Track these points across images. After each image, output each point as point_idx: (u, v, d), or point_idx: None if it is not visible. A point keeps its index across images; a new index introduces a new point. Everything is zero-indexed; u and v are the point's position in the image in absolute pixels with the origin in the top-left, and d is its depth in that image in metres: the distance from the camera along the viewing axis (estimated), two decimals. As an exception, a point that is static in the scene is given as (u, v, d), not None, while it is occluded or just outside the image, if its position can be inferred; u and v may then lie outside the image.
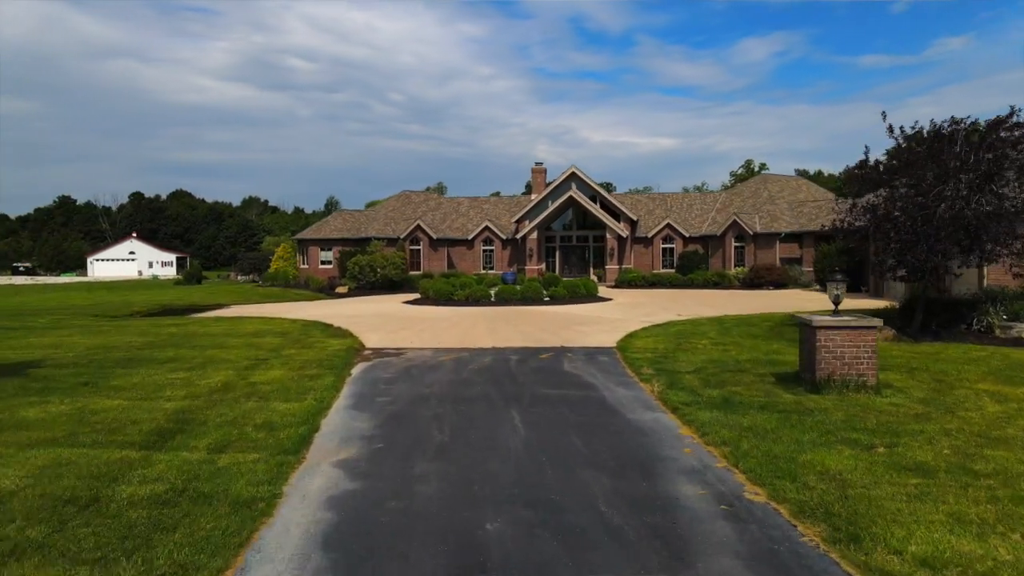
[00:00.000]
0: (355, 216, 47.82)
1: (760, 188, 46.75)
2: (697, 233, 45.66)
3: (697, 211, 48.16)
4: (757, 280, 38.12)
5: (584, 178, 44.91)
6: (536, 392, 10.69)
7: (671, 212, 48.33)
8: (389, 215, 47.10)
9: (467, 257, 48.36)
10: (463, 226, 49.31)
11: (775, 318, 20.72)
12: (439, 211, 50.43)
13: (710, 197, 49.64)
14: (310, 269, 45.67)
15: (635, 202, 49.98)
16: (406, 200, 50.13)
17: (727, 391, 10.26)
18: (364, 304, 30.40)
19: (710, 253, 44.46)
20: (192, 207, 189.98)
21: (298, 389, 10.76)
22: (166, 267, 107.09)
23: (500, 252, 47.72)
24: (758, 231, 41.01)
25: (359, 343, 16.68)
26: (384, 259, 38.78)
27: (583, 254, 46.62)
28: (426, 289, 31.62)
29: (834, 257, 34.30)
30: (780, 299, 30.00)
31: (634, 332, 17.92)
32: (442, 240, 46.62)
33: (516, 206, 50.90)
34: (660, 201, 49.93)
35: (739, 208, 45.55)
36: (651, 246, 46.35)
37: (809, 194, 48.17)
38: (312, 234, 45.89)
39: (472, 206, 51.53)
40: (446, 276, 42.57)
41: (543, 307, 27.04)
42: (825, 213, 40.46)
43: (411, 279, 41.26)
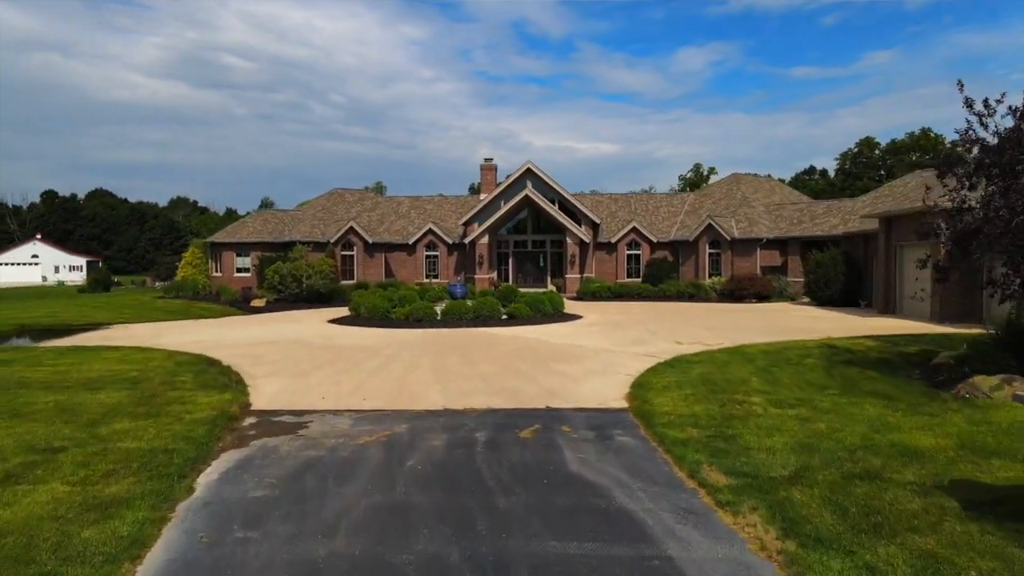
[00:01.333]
0: (278, 217, 41.58)
1: (733, 189, 42.59)
2: (666, 238, 41.15)
3: (664, 214, 43.68)
4: (738, 292, 33.71)
5: (541, 176, 39.90)
6: (538, 553, 5.40)
7: (636, 215, 43.72)
8: (318, 216, 41.08)
9: (408, 264, 42.72)
10: (403, 229, 43.65)
11: (808, 348, 15.97)
12: (376, 212, 44.63)
13: (677, 199, 45.29)
14: (224, 278, 39.29)
15: (596, 203, 45.23)
16: (338, 199, 44.17)
17: (906, 545, 5.19)
18: (278, 324, 24.55)
19: (681, 260, 39.97)
20: (112, 207, 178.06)
21: (49, 552, 5.19)
22: (75, 272, 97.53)
23: (445, 258, 42.25)
24: (736, 236, 36.69)
25: (243, 400, 11.12)
26: (309, 267, 32.88)
27: (540, 261, 41.55)
28: (357, 305, 26.00)
29: (830, 267, 30.07)
30: (778, 316, 25.46)
31: (641, 375, 12.84)
32: (379, 245, 40.86)
33: (463, 207, 45.52)
34: (624, 203, 45.28)
35: (711, 211, 41.23)
36: (615, 252, 41.63)
37: (783, 196, 44.31)
38: (226, 237, 39.49)
39: (414, 206, 45.90)
40: (383, 287, 36.96)
41: (502, 329, 21.76)
42: (810, 218, 36.42)
43: (342, 290, 35.43)
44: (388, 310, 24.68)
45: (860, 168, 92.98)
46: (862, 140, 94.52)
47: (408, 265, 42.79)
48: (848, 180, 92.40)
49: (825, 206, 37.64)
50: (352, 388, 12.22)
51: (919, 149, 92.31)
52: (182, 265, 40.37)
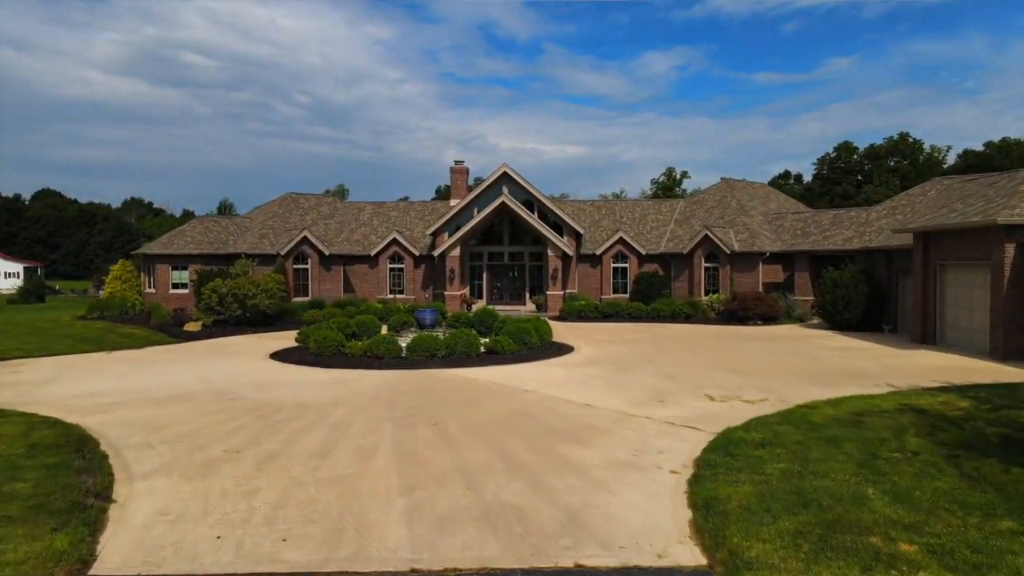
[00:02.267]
0: (222, 225, 36.83)
1: (727, 196, 39.06)
2: (655, 250, 37.42)
3: (652, 223, 39.98)
4: (742, 312, 30.09)
5: (519, 180, 35.88)
6: None
7: (622, 224, 39.94)
8: (268, 224, 36.46)
9: (370, 278, 38.33)
10: (365, 238, 39.25)
11: (889, 414, 12.19)
12: (334, 220, 40.13)
13: (666, 206, 41.60)
14: (158, 295, 34.47)
15: (578, 211, 41.34)
16: (292, 205, 39.57)
17: None
18: (207, 362, 20.09)
19: (673, 275, 36.27)
20: (59, 208, 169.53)
21: None
22: (11, 279, 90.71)
23: (412, 271, 37.95)
24: (736, 250, 33.09)
25: (81, 555, 6.85)
26: (254, 285, 28.37)
27: (517, 275, 37.49)
28: (305, 336, 21.69)
29: (849, 287, 26.56)
30: (800, 347, 21.77)
31: (695, 477, 8.87)
32: (337, 257, 36.41)
33: (431, 214, 41.27)
34: (608, 210, 41.45)
35: (705, 220, 37.65)
36: (599, 265, 37.77)
37: (780, 204, 40.96)
38: (161, 248, 34.64)
39: (376, 213, 41.50)
40: (341, 305, 32.62)
41: (482, 372, 17.66)
42: (817, 229, 32.99)
43: (293, 310, 30.98)
44: (341, 344, 20.40)
45: (838, 173, 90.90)
46: (840, 144, 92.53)
47: (370, 279, 38.40)
48: (827, 185, 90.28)
49: (831, 216, 34.25)
50: (270, 509, 8.02)
51: (897, 154, 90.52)
52: (110, 280, 35.37)
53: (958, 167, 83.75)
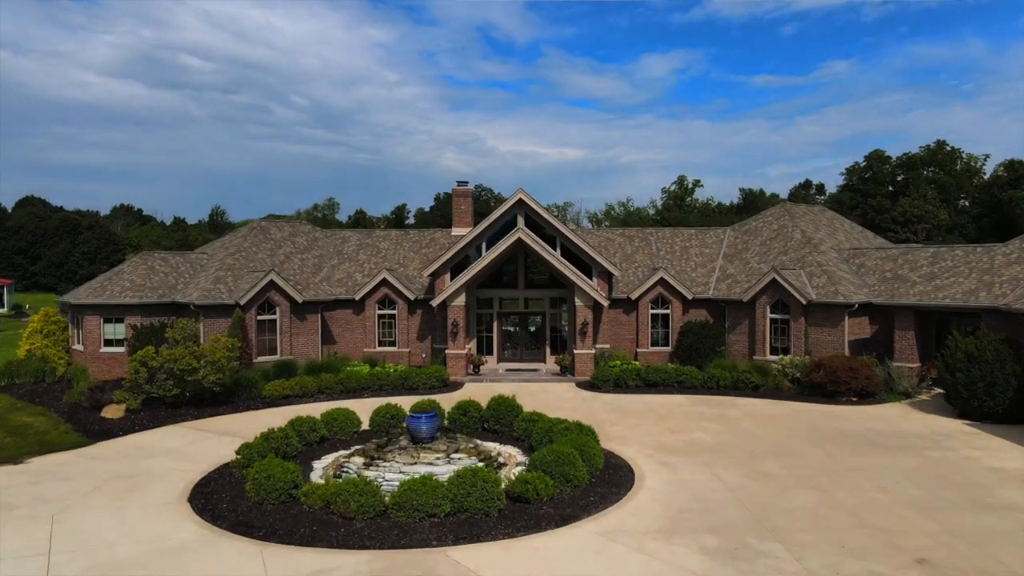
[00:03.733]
0: (171, 264, 29.73)
1: (786, 225, 32.23)
2: (703, 293, 30.59)
3: (697, 257, 33.11)
4: (831, 384, 23.26)
5: (537, 209, 29.01)
6: None
7: (658, 257, 33.11)
8: (227, 263, 29.50)
9: (355, 326, 31.46)
10: (349, 277, 32.39)
11: None
12: (312, 253, 33.22)
13: (712, 236, 34.70)
14: (87, 354, 27.56)
15: (605, 241, 34.48)
16: (261, 236, 32.64)
17: None
18: (74, 516, 13.13)
19: (728, 326, 29.40)
20: (41, 217, 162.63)
21: None
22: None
23: (405, 319, 31.09)
24: (813, 299, 26.24)
25: None
26: (194, 357, 21.46)
27: (536, 327, 30.54)
28: (247, 459, 14.89)
29: (993, 363, 19.72)
30: (957, 468, 14.89)
31: None
32: (314, 303, 29.51)
33: (430, 245, 34.41)
34: (642, 241, 34.53)
35: (762, 255, 30.86)
36: (635, 312, 30.94)
37: (848, 234, 34.12)
38: (91, 296, 27.63)
39: (364, 245, 34.59)
40: (316, 369, 25.91)
41: (509, 558, 10.80)
42: (914, 272, 26.19)
43: (253, 380, 24.12)
44: (294, 483, 13.57)
45: (870, 184, 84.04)
46: (871, 154, 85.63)
47: (355, 327, 31.50)
48: (857, 198, 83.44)
49: (930, 255, 27.37)
50: None
51: (935, 163, 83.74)
52: (28, 333, 28.39)
53: (1003, 179, 76.98)
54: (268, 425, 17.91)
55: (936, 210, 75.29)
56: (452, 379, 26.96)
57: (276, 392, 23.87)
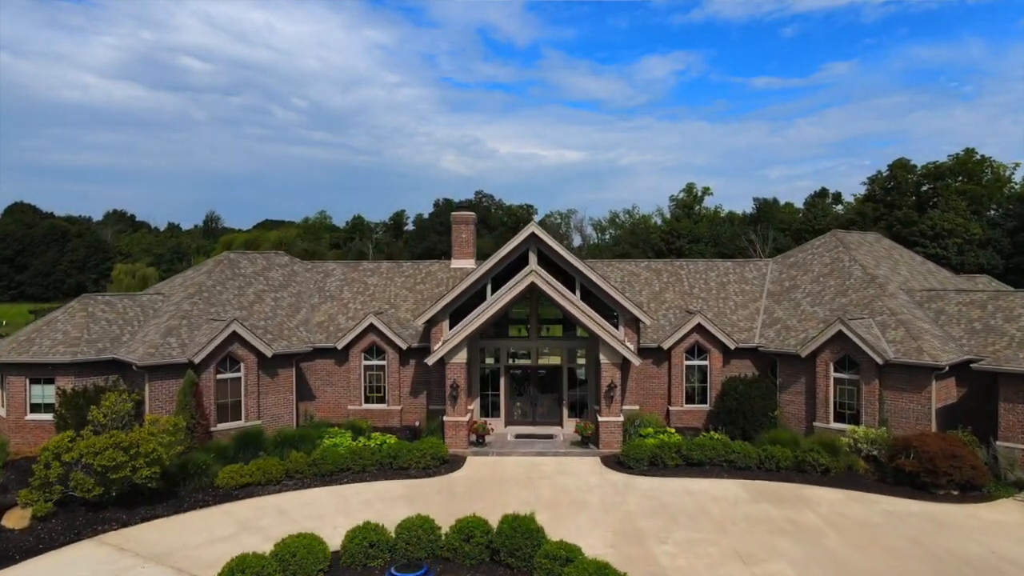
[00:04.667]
0: (117, 309, 24.88)
1: (840, 258, 27.58)
2: (748, 341, 25.96)
3: (736, 295, 28.44)
4: (925, 475, 18.59)
5: (551, 244, 24.31)
6: None
7: (691, 296, 28.46)
8: (183, 309, 24.77)
9: (337, 379, 26.83)
10: (331, 320, 27.75)
11: None
12: (288, 291, 28.55)
13: (752, 270, 30.00)
14: (9, 423, 22.84)
15: (630, 276, 29.78)
16: (229, 271, 27.92)
17: None
18: None
19: (779, 382, 24.71)
20: (28, 225, 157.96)
21: None
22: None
23: (397, 371, 26.44)
24: (891, 359, 21.55)
25: None
26: (120, 449, 16.72)
27: (552, 385, 25.78)
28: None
29: None
30: None
31: None
32: (286, 356, 24.81)
33: (426, 280, 29.75)
34: (671, 276, 29.80)
35: (813, 294, 26.22)
36: (666, 363, 26.30)
37: (912, 267, 29.43)
38: (14, 352, 22.70)
39: (348, 280, 29.89)
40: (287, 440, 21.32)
41: None
42: (1003, 318, 21.52)
43: (203, 465, 19.43)
44: None
45: (893, 195, 79.28)
46: (895, 162, 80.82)
47: (337, 381, 26.86)
48: (880, 209, 78.73)
49: (1027, 302, 22.71)
50: None
51: (964, 173, 78.99)
52: (-58, 397, 23.68)
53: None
54: (217, 536, 13.29)
55: (967, 223, 70.74)
56: (451, 452, 22.28)
57: (232, 480, 19.18)
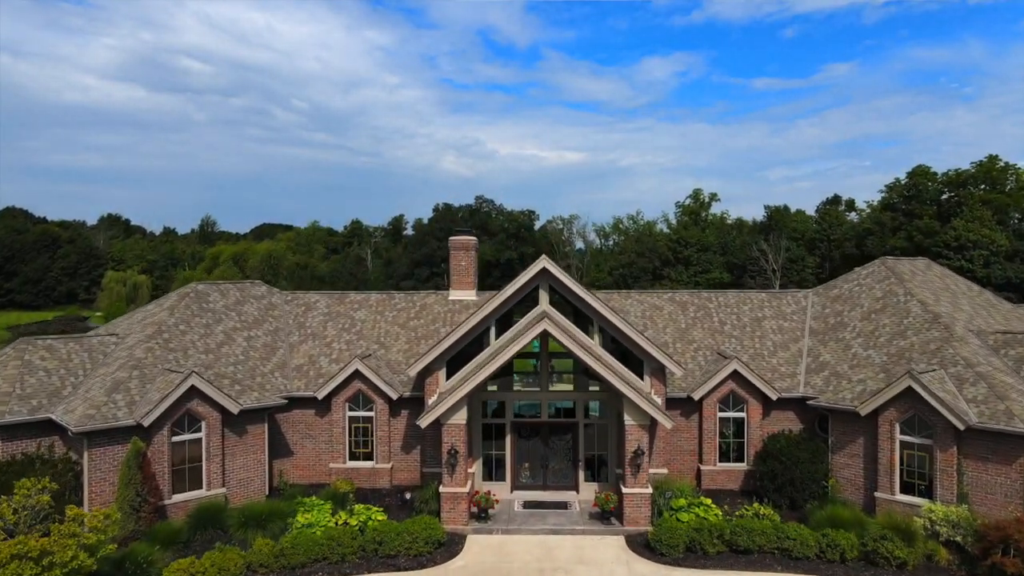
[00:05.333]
0: (58, 356, 21.07)
1: (894, 292, 24.11)
2: (791, 390, 22.49)
3: (773, 333, 24.95)
4: None
5: (565, 281, 20.74)
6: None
7: (723, 334, 24.98)
8: (136, 356, 21.23)
9: (319, 432, 23.37)
10: (311, 362, 24.29)
11: None
12: (263, 328, 25.07)
13: (789, 303, 26.47)
14: (-74, 495, 19.49)
15: (650, 309, 26.29)
16: (196, 305, 24.41)
17: None
18: None
19: (832, 442, 21.18)
20: (18, 231, 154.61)
21: None
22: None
23: (386, 423, 22.98)
24: (974, 423, 18.06)
25: None
26: (30, 561, 13.22)
27: (565, 442, 22.24)
28: None
29: None
30: None
31: None
32: (256, 411, 21.29)
33: (420, 315, 26.29)
34: (698, 310, 26.27)
35: (865, 334, 22.77)
36: (696, 414, 22.83)
37: (970, 297, 25.90)
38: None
39: (333, 314, 26.38)
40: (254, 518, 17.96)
41: None
42: None
43: (143, 562, 15.91)
44: None
45: (913, 204, 75.62)
46: (915, 169, 77.22)
47: (319, 434, 23.39)
48: (899, 218, 75.07)
49: None
50: None
51: (987, 180, 75.39)
52: None
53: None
54: None
55: (993, 234, 67.19)
56: (449, 529, 18.81)
57: (181, 584, 15.66)
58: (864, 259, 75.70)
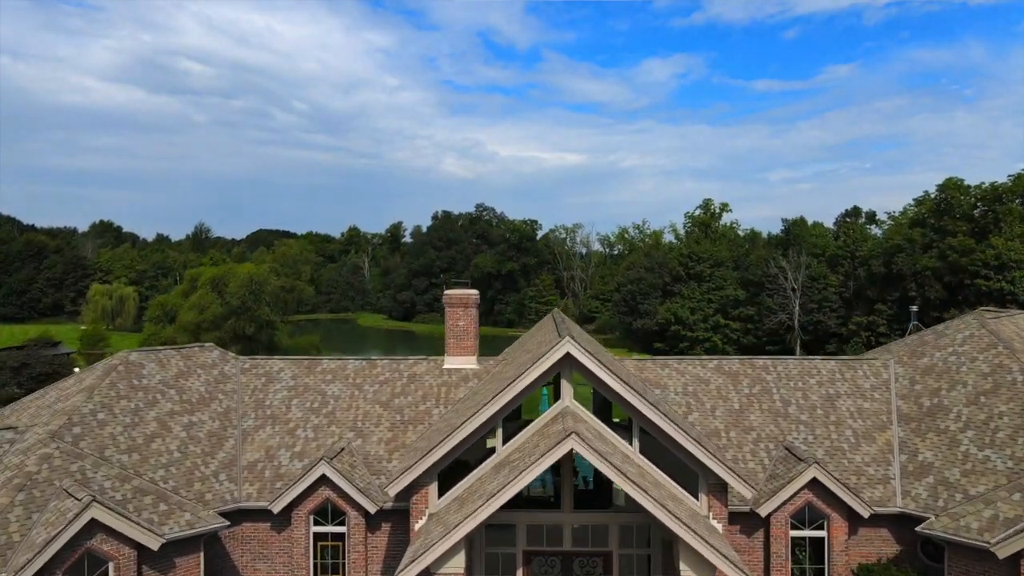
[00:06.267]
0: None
1: (1005, 366, 19.01)
2: (886, 503, 17.44)
3: (852, 419, 19.83)
4: None
5: (598, 373, 15.56)
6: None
7: (786, 417, 19.88)
8: (27, 467, 16.15)
9: (275, 552, 18.29)
10: (269, 457, 19.25)
11: None
12: (209, 411, 19.96)
13: (866, 373, 21.24)
14: None
15: (695, 385, 21.12)
16: (125, 382, 19.31)
17: None
18: None
19: (947, 582, 16.07)
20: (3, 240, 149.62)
21: None
22: None
23: (363, 542, 17.91)
24: None
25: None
26: None
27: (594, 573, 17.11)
28: None
29: None
30: None
31: None
32: (189, 540, 16.18)
33: (407, 390, 21.23)
34: (752, 383, 21.08)
35: (980, 426, 17.69)
36: (760, 530, 17.72)
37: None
38: None
39: (299, 389, 21.23)
40: None
41: None
42: None
43: None
44: None
45: (945, 220, 70.46)
46: (946, 182, 72.13)
47: (274, 555, 18.28)
48: (930, 235, 69.99)
49: None
50: None
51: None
52: None
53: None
54: None
55: (1035, 253, 62.22)
56: None
57: None
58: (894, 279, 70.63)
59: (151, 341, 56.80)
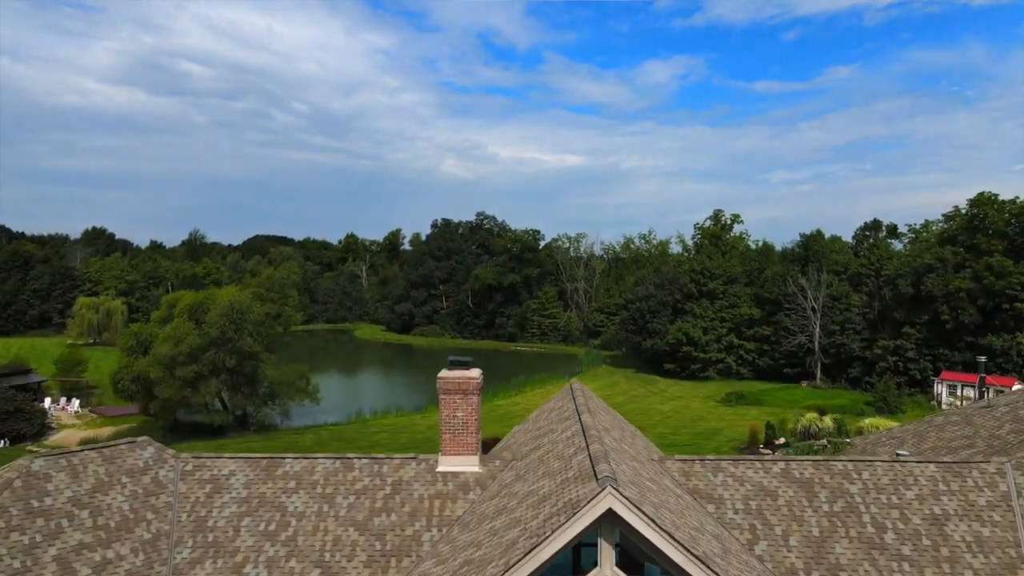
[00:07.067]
0: None
1: None
2: None
3: (967, 549, 15.31)
4: None
5: (652, 539, 11.05)
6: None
7: (882, 548, 15.34)
8: None
9: None
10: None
11: None
12: (134, 537, 15.46)
13: (976, 479, 16.64)
14: None
15: (758, 498, 16.54)
16: (22, 504, 14.90)
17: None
18: None
19: None
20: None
21: None
22: None
23: None
24: None
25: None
26: None
27: None
28: None
29: None
30: None
31: None
32: None
33: (391, 503, 16.74)
34: (832, 495, 16.32)
35: None
36: None
37: None
38: None
39: (251, 499, 16.66)
40: None
41: None
42: None
43: None
44: None
45: (979, 238, 65.90)
46: (978, 197, 67.63)
47: None
48: (961, 253, 65.43)
49: None
50: None
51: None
52: None
53: None
54: None
55: (1080, 275, 57.65)
56: None
57: None
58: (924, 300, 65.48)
59: (123, 374, 52.49)
